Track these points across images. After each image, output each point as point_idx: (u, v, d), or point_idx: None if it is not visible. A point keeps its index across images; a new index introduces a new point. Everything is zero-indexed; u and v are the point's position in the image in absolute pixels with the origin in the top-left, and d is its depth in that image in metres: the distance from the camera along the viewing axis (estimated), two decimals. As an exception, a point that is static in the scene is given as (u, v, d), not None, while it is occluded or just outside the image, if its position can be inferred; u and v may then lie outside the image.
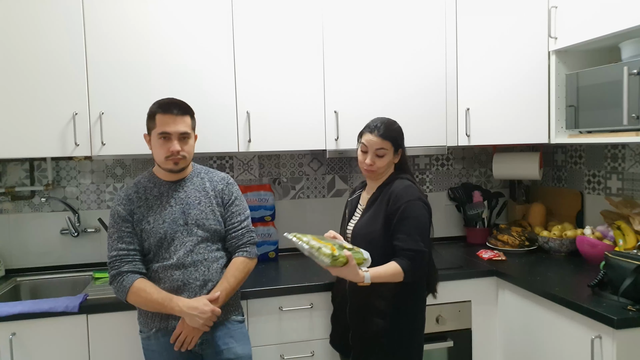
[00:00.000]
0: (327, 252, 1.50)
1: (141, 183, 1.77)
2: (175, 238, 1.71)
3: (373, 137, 1.72)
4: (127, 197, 1.73)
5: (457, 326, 2.17)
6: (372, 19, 2.35)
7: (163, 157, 1.69)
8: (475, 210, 2.73)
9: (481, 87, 2.41)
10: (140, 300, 1.65)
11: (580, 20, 2.00)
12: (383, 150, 1.73)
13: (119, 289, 1.66)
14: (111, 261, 1.69)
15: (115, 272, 1.67)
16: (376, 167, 1.74)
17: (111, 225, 1.72)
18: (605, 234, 2.25)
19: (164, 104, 1.71)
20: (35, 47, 2.04)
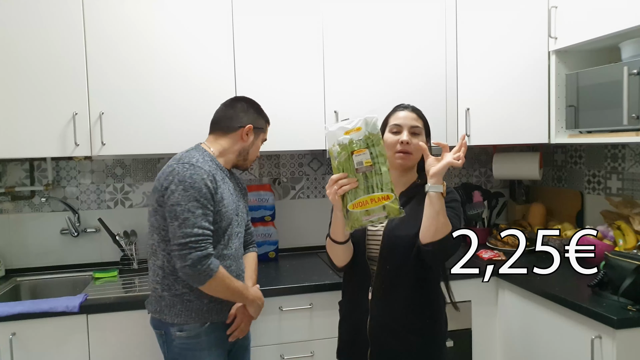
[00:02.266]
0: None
1: (207, 162, 1.64)
2: (234, 227, 1.70)
3: (407, 113, 1.56)
4: (211, 173, 1.60)
5: (457, 326, 2.17)
6: (372, 18, 2.35)
7: (255, 156, 1.82)
8: (475, 210, 2.73)
9: (481, 87, 2.41)
10: (221, 287, 1.57)
11: (580, 20, 2.00)
12: (418, 128, 1.55)
13: (203, 272, 1.51)
14: (196, 240, 1.52)
15: (203, 253, 1.51)
16: (412, 148, 1.52)
17: (193, 199, 1.53)
18: (605, 234, 2.24)
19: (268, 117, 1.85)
20: (35, 47, 2.04)
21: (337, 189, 1.30)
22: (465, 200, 2.79)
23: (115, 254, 2.46)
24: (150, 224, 1.65)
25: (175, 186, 1.54)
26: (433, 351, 1.56)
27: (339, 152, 1.29)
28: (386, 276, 1.52)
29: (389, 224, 1.53)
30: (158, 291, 1.65)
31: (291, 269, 2.32)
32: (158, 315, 1.65)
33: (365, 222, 1.31)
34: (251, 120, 1.76)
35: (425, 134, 1.58)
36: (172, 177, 1.56)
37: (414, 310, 1.52)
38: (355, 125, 1.29)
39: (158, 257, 1.64)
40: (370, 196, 1.28)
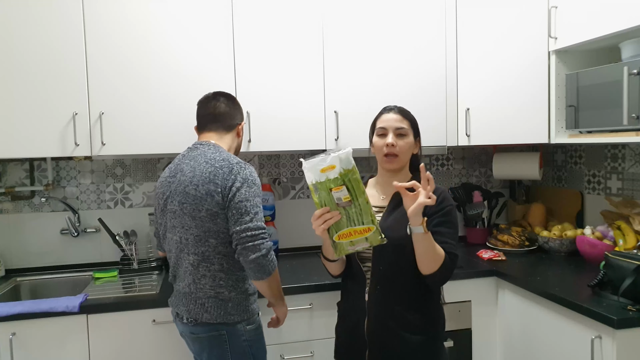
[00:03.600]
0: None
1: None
2: None
3: (391, 115, 1.57)
4: None
5: (457, 326, 2.17)
6: (372, 18, 2.35)
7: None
8: (475, 210, 2.73)
9: (481, 87, 2.41)
10: (276, 280, 1.66)
11: (581, 20, 2.00)
12: (403, 129, 1.55)
13: (271, 262, 1.57)
14: (263, 233, 1.57)
15: (270, 243, 1.59)
16: (398, 150, 1.53)
17: (258, 195, 1.61)
18: (605, 234, 2.24)
19: None
20: (35, 47, 2.04)
21: (321, 224, 1.35)
22: (465, 200, 2.79)
23: (115, 254, 2.46)
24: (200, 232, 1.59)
25: (240, 184, 1.57)
26: (432, 350, 1.55)
27: (319, 188, 1.33)
28: (380, 277, 1.52)
29: (381, 224, 1.51)
30: (223, 294, 1.62)
31: (291, 269, 2.32)
32: (222, 319, 1.61)
33: (351, 250, 1.38)
34: (241, 116, 1.82)
35: (413, 134, 1.58)
36: (233, 176, 1.58)
37: (410, 310, 1.51)
38: (330, 163, 1.31)
39: (214, 263, 1.60)
40: (353, 228, 1.35)
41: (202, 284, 1.62)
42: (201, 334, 1.63)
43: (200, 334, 1.64)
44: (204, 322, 1.61)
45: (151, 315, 1.91)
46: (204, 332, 1.63)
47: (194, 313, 1.62)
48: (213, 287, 1.61)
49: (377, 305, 1.52)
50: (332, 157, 1.31)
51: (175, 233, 1.65)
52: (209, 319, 1.61)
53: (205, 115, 1.75)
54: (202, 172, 1.59)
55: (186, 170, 1.64)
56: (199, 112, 1.78)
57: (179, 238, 1.64)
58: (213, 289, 1.61)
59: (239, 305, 1.64)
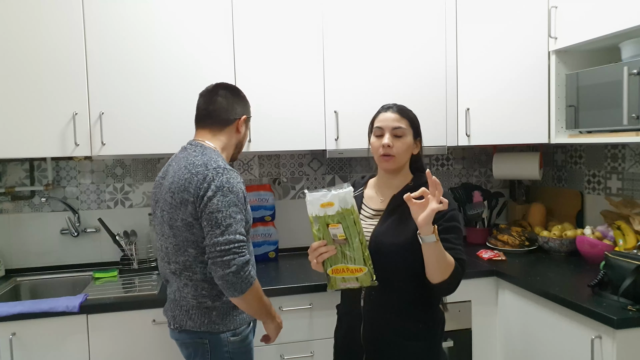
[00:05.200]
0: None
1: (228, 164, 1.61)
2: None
3: (389, 114, 1.51)
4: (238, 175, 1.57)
5: (457, 326, 2.17)
6: (372, 18, 2.35)
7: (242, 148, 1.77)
8: (475, 210, 2.73)
9: (481, 87, 2.41)
10: (256, 298, 1.51)
11: (580, 20, 2.00)
12: (401, 129, 1.48)
13: (244, 280, 1.44)
14: (239, 245, 1.45)
15: (244, 259, 1.45)
16: (395, 151, 1.47)
17: (234, 204, 1.47)
18: (605, 234, 2.24)
19: None
20: (35, 47, 2.04)
21: (317, 257, 1.37)
22: (465, 200, 2.79)
23: (115, 254, 2.46)
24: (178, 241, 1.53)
25: (212, 192, 1.46)
26: (429, 357, 1.51)
27: (318, 222, 1.36)
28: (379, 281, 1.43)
29: (375, 231, 1.48)
30: (207, 304, 1.55)
31: (291, 269, 2.32)
32: (206, 327, 1.56)
33: (343, 287, 1.41)
34: (246, 110, 1.70)
35: (412, 134, 1.52)
36: (206, 184, 1.47)
37: (407, 317, 1.47)
38: (329, 200, 1.34)
39: (196, 272, 1.54)
40: (346, 266, 1.37)
41: (185, 293, 1.56)
42: (186, 340, 1.60)
43: (185, 340, 1.60)
44: (187, 329, 1.57)
45: (151, 315, 1.91)
46: (189, 339, 1.59)
47: (179, 320, 1.58)
48: (196, 296, 1.55)
49: (372, 312, 1.48)
50: (332, 194, 1.34)
51: (159, 240, 1.61)
52: (193, 327, 1.56)
53: (201, 111, 1.66)
54: (179, 178, 1.51)
55: (169, 174, 1.57)
56: (197, 106, 1.68)
57: (160, 245, 1.60)
58: (196, 299, 1.55)
59: (225, 315, 1.57)
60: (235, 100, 1.67)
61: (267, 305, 1.61)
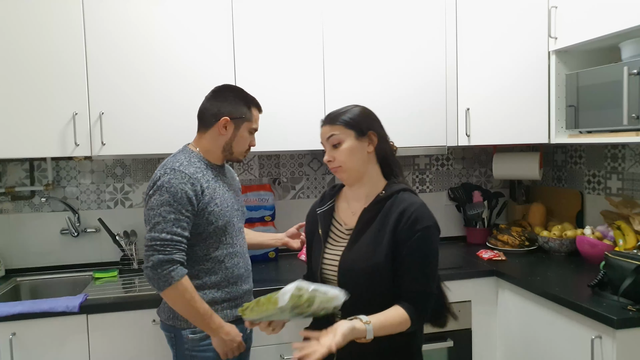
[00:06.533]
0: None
1: (195, 163, 1.61)
2: (235, 223, 1.67)
3: (322, 129, 1.41)
4: (193, 176, 1.56)
5: (457, 326, 2.17)
6: (372, 18, 2.35)
7: (244, 149, 1.71)
8: (475, 210, 2.73)
9: (481, 87, 2.41)
10: (181, 300, 1.51)
11: (580, 20, 2.00)
12: (334, 136, 1.36)
13: (162, 278, 1.47)
14: (161, 244, 1.49)
15: (165, 257, 1.47)
16: (337, 162, 1.36)
17: (167, 204, 1.51)
18: (605, 234, 2.24)
19: (256, 100, 1.74)
20: (35, 47, 2.04)
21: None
22: (465, 200, 2.79)
23: (115, 254, 2.46)
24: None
25: (153, 191, 1.54)
26: None
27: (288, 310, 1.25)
28: (350, 311, 1.29)
29: (344, 255, 1.36)
30: None
31: (291, 269, 2.32)
32: (171, 322, 1.62)
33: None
34: (228, 111, 1.64)
35: (355, 133, 1.37)
36: (152, 183, 1.55)
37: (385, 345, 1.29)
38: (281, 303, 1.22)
39: None
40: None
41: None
42: (162, 331, 1.71)
43: (162, 331, 1.72)
44: (161, 321, 1.68)
45: (151, 315, 1.90)
46: (163, 331, 1.70)
47: (159, 311, 1.71)
48: None
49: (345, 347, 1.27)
50: (280, 303, 1.22)
51: None
52: (163, 319, 1.67)
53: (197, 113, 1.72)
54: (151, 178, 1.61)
55: None
56: None
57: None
58: None
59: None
60: (217, 99, 1.66)
61: (201, 314, 1.54)
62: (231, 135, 1.66)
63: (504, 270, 2.16)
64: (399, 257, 1.31)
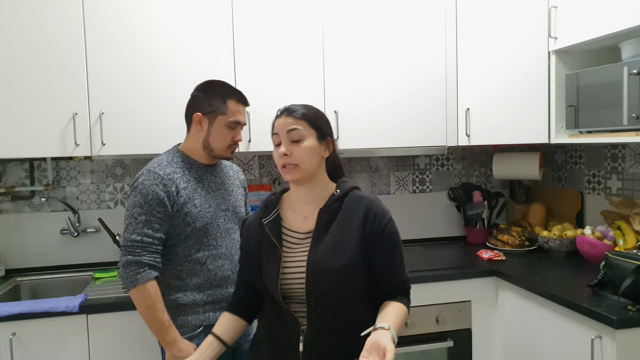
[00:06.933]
0: None
1: (176, 163, 1.62)
2: (220, 224, 1.63)
3: (281, 119, 1.30)
4: (167, 177, 1.55)
5: (457, 326, 2.17)
6: (372, 18, 2.35)
7: (226, 145, 1.63)
8: (475, 210, 2.73)
9: (481, 87, 2.41)
10: (142, 304, 1.51)
11: (580, 20, 2.00)
12: (297, 131, 1.27)
13: (128, 278, 1.49)
14: (131, 245, 1.50)
15: (133, 258, 1.49)
16: (295, 158, 1.26)
17: (139, 205, 1.52)
18: (605, 234, 2.24)
19: (235, 90, 1.64)
20: (35, 47, 2.04)
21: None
22: (465, 200, 2.79)
23: (115, 254, 2.46)
24: None
25: (129, 192, 1.56)
26: None
27: None
28: (319, 321, 1.25)
29: (311, 257, 1.26)
30: None
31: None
32: None
33: None
34: (200, 106, 1.61)
35: (316, 135, 1.30)
36: (132, 183, 1.58)
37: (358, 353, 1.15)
38: None
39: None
40: None
41: None
42: None
43: None
44: None
45: (151, 315, 1.90)
46: None
47: None
48: None
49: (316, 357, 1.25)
50: None
51: None
52: None
53: None
54: None
55: None
56: None
57: None
58: None
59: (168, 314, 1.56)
60: (194, 97, 1.65)
61: (158, 323, 1.51)
62: (207, 131, 1.62)
63: (504, 270, 2.16)
64: (373, 255, 1.27)
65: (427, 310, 2.13)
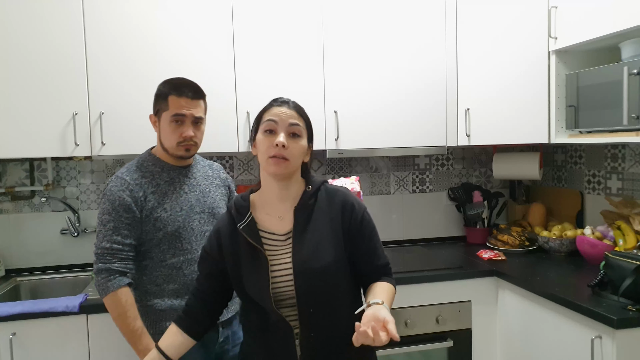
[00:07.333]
0: None
1: (146, 167, 1.59)
2: (194, 228, 1.59)
3: (285, 109, 1.27)
4: (134, 182, 1.54)
5: (457, 326, 2.17)
6: (372, 18, 2.35)
7: (175, 142, 1.56)
8: (475, 210, 2.73)
9: (481, 87, 2.41)
10: (114, 312, 1.50)
11: (581, 20, 2.00)
12: (298, 127, 1.25)
13: (100, 286, 1.49)
14: (101, 252, 1.50)
15: (103, 266, 1.49)
16: (290, 153, 1.22)
17: (107, 212, 1.51)
18: (605, 234, 2.24)
19: (177, 85, 1.57)
20: (35, 47, 2.04)
21: None
22: (465, 200, 2.79)
23: (115, 254, 2.46)
24: None
25: (100, 200, 1.57)
26: None
27: None
28: (312, 322, 1.23)
29: (296, 257, 1.22)
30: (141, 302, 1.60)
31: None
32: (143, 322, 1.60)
33: None
34: (153, 107, 1.61)
35: (307, 137, 1.30)
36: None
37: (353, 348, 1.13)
38: None
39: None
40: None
41: None
42: None
43: None
44: None
45: (151, 315, 1.90)
46: None
47: None
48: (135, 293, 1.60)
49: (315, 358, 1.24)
50: None
51: None
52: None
53: None
54: None
55: None
56: None
57: None
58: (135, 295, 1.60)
59: (146, 317, 1.58)
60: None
61: (130, 331, 1.50)
62: (159, 131, 1.60)
63: (504, 270, 2.16)
64: (356, 245, 1.28)
65: (427, 310, 2.13)
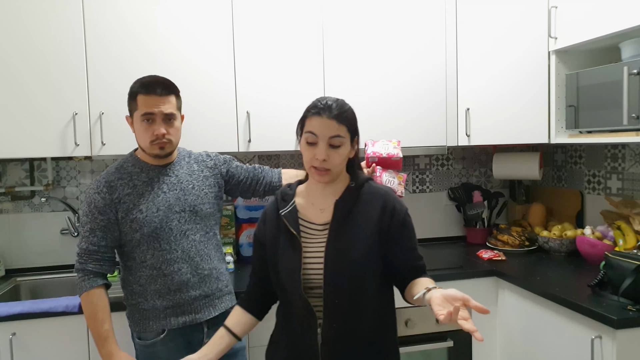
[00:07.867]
0: None
1: (125, 168, 1.59)
2: (173, 227, 1.57)
3: (324, 119, 1.25)
4: (108, 185, 1.54)
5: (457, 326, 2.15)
6: (372, 18, 2.35)
7: (148, 141, 1.54)
8: (475, 210, 2.73)
9: (481, 87, 2.41)
10: (86, 311, 1.54)
11: (581, 20, 2.00)
12: (339, 138, 1.25)
13: (77, 285, 1.57)
14: (80, 253, 1.55)
15: (79, 266, 1.55)
16: (332, 164, 1.26)
17: (85, 214, 1.55)
18: (605, 234, 2.25)
19: (145, 84, 1.55)
20: (35, 47, 2.04)
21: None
22: (465, 200, 2.79)
23: (115, 254, 2.46)
24: None
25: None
26: None
27: None
28: (337, 313, 1.25)
29: (329, 248, 1.25)
30: (127, 301, 1.65)
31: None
32: (129, 320, 1.65)
33: None
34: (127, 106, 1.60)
35: (350, 137, 1.30)
36: None
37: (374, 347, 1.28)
38: None
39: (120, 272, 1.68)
40: None
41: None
42: None
43: None
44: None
45: (151, 315, 1.90)
46: None
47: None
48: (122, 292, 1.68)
49: (335, 351, 1.26)
50: None
51: None
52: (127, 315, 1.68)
53: None
54: None
55: None
56: None
57: None
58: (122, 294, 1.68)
59: (131, 315, 1.63)
60: None
61: (96, 333, 1.53)
62: (135, 132, 1.60)
63: (504, 270, 2.16)
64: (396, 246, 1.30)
65: (427, 310, 2.12)
